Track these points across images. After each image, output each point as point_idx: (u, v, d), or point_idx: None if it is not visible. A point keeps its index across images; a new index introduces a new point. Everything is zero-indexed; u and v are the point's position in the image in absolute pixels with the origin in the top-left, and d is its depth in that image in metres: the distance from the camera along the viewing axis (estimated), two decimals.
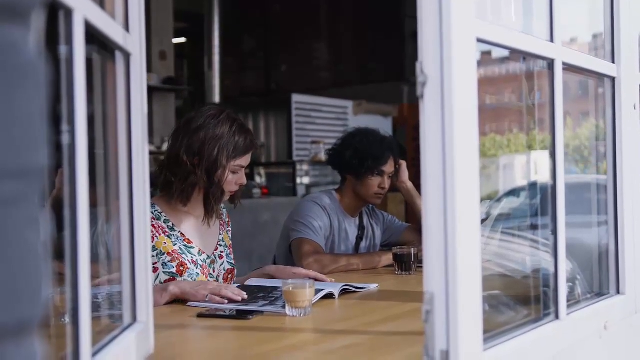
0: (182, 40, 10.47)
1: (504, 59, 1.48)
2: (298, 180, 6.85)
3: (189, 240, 2.13)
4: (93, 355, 0.92)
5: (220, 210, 2.26)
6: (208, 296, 1.86)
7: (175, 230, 2.11)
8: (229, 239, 2.30)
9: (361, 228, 2.86)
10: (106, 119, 1.17)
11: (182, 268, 2.06)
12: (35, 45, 0.60)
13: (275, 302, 1.83)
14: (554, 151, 1.38)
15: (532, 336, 1.28)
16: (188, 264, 2.08)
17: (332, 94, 8.18)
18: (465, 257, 1.03)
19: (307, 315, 1.71)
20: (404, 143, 6.95)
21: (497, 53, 1.33)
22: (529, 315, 1.43)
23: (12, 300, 0.56)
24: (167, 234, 2.09)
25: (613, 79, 1.66)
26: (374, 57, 9.31)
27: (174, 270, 2.05)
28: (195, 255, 2.12)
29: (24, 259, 0.57)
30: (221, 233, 2.25)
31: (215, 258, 2.19)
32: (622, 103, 1.66)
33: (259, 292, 1.99)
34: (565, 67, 1.39)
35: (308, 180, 7.04)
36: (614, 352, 1.63)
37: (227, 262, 2.24)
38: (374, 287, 2.16)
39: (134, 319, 1.22)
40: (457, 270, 1.01)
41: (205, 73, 8.59)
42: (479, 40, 1.10)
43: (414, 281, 2.32)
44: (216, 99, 8.43)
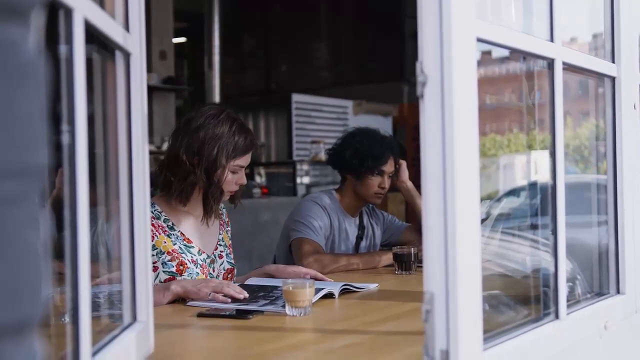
0: (182, 40, 10.47)
1: (504, 59, 1.48)
2: (298, 180, 6.84)
3: (189, 239, 2.13)
4: (93, 354, 0.92)
5: (220, 210, 2.26)
6: (211, 294, 1.85)
7: (175, 230, 2.11)
8: (229, 239, 2.30)
9: (361, 228, 2.86)
10: (106, 118, 1.17)
11: (181, 267, 2.06)
12: (35, 45, 0.60)
13: (275, 302, 1.83)
14: (554, 151, 1.38)
15: (532, 336, 1.28)
16: (188, 263, 2.08)
17: (332, 93, 8.17)
18: (465, 256, 1.03)
19: (307, 314, 1.71)
20: (404, 143, 6.94)
21: (497, 53, 1.33)
22: (529, 315, 1.43)
23: (12, 299, 0.56)
24: (166, 234, 2.09)
25: (613, 79, 1.66)
26: (374, 57, 9.31)
27: (174, 269, 2.05)
28: (195, 255, 2.12)
29: (23, 258, 0.57)
30: (221, 233, 2.26)
31: (215, 257, 2.19)
32: (622, 103, 1.66)
33: (259, 291, 1.98)
34: (565, 66, 1.39)
35: (308, 180, 7.04)
36: (614, 352, 1.63)
37: (227, 261, 2.24)
38: (373, 286, 2.16)
39: (134, 318, 1.22)
40: (457, 270, 1.01)
41: (205, 73, 8.59)
42: (479, 40, 1.10)
43: (414, 281, 2.32)
44: (216, 98, 8.43)
